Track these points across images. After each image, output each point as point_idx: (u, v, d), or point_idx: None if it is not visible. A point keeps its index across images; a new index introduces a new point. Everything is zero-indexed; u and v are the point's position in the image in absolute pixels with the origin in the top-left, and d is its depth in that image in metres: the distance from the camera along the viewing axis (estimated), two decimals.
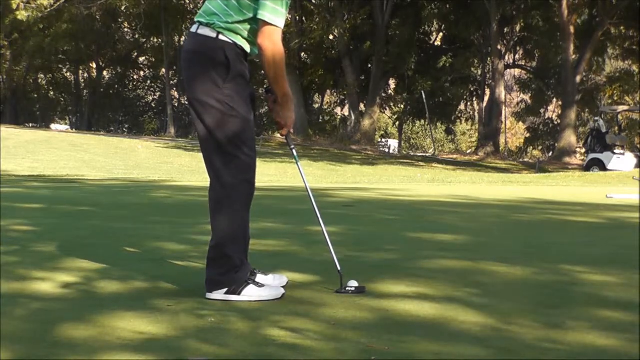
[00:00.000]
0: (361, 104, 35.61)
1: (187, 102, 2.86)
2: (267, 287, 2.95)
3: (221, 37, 2.84)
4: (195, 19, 2.94)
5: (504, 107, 35.39)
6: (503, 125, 36.36)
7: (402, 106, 40.31)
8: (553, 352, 2.22)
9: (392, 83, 38.52)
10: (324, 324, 2.49)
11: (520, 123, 44.06)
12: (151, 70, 48.54)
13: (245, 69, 2.90)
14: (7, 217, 5.64)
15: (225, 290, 2.87)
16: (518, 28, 36.44)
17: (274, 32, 2.82)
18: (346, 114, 39.21)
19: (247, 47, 2.89)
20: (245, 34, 2.87)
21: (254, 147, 2.94)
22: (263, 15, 2.79)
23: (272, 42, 2.82)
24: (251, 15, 2.83)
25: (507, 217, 6.82)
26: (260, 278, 3.02)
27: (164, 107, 44.54)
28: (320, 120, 40.43)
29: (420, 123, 44.38)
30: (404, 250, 4.30)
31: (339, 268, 3.05)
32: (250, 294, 2.87)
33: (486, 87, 35.76)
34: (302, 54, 36.75)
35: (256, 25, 2.84)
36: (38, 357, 2.09)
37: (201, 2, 37.80)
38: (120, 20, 44.14)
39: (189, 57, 2.90)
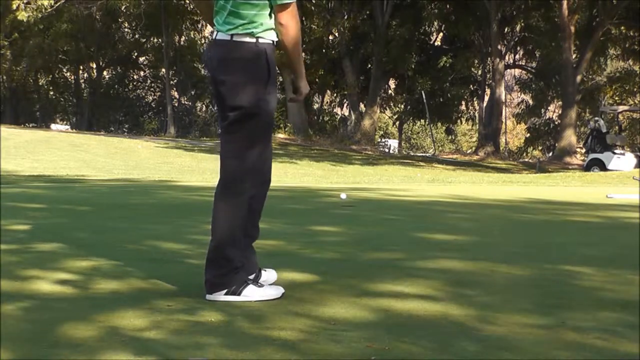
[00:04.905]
0: (361, 104, 35.60)
1: (231, 109, 2.84)
2: (266, 286, 2.96)
3: (260, 40, 2.87)
4: (222, 26, 2.90)
5: (504, 107, 35.38)
6: (503, 126, 36.36)
7: (402, 106, 40.28)
8: (553, 352, 2.22)
9: (392, 83, 38.51)
10: (324, 324, 2.49)
11: (521, 123, 44.03)
12: (151, 70, 48.51)
13: (275, 71, 2.95)
14: (7, 217, 5.64)
15: (225, 291, 2.87)
16: (518, 28, 36.43)
17: (294, 7, 2.87)
18: (346, 114, 39.20)
19: (276, 37, 2.93)
20: (273, 24, 2.90)
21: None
22: (278, 1, 2.82)
23: (295, 17, 2.87)
24: (269, 5, 2.86)
25: (507, 217, 6.82)
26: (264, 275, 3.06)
27: (164, 107, 44.50)
28: (320, 120, 40.43)
29: (420, 123, 44.37)
30: (404, 250, 4.30)
31: None
32: (250, 294, 2.88)
33: (486, 87, 35.75)
34: (302, 54, 36.70)
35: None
36: (38, 357, 2.09)
37: None
38: (120, 20, 44.11)
39: (227, 64, 2.88)
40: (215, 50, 2.93)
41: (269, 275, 3.13)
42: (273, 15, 2.88)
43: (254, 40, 2.85)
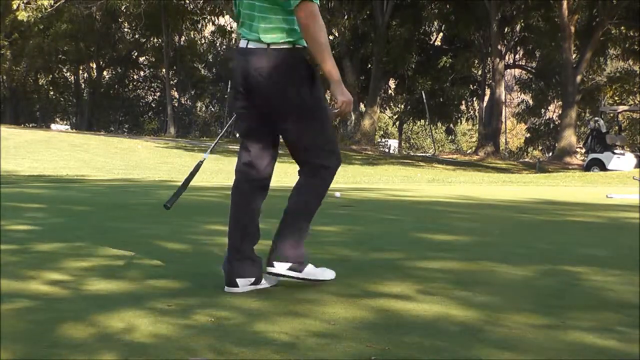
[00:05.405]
0: (361, 104, 35.60)
1: (281, 116, 3.00)
2: (323, 268, 3.13)
3: (297, 46, 2.90)
4: (251, 35, 2.92)
5: (504, 107, 35.37)
6: (503, 126, 36.35)
7: (402, 106, 40.29)
8: (553, 352, 2.22)
9: (392, 83, 38.50)
10: (324, 324, 2.49)
11: (521, 123, 44.04)
12: (151, 70, 48.54)
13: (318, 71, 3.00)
14: (7, 217, 5.64)
15: (289, 265, 2.99)
16: (518, 28, 36.44)
17: (312, 6, 2.84)
18: None
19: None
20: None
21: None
22: None
23: (313, 17, 2.83)
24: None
25: (507, 217, 6.82)
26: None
27: (164, 107, 44.54)
28: None
29: (420, 123, 44.37)
30: (404, 250, 4.30)
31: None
32: (311, 273, 3.04)
33: (486, 87, 35.75)
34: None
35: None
36: (38, 357, 2.09)
37: (201, 1, 37.80)
38: (120, 20, 44.13)
39: (269, 73, 2.90)
40: (253, 60, 2.92)
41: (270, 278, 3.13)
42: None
43: (290, 46, 2.89)
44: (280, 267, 2.99)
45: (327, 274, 3.14)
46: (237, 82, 3.02)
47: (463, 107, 38.93)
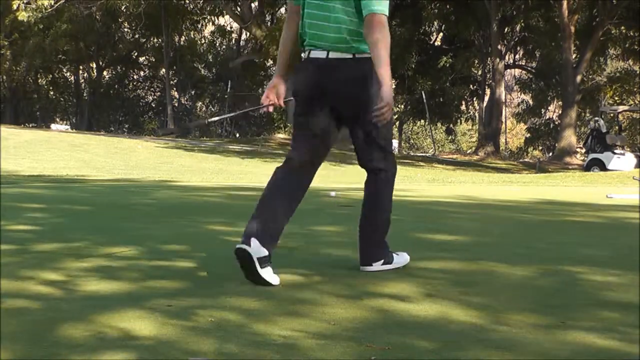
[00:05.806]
0: None
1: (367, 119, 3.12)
2: (399, 255, 3.51)
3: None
4: (336, 46, 3.03)
5: (504, 107, 35.36)
6: (503, 126, 36.33)
7: (402, 106, 40.27)
8: (553, 352, 2.22)
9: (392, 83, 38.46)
10: (324, 324, 2.49)
11: (521, 123, 44.01)
12: (151, 70, 48.50)
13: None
14: (7, 217, 5.63)
15: (382, 261, 3.40)
16: (518, 28, 36.43)
17: (386, 20, 2.96)
18: None
19: None
20: None
21: None
22: (374, 9, 2.91)
23: (387, 31, 2.96)
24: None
25: (507, 217, 6.82)
26: None
27: (164, 107, 44.49)
28: None
29: (420, 123, 44.35)
30: (404, 251, 4.29)
31: None
32: (399, 262, 3.47)
33: (486, 87, 35.74)
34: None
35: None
36: (38, 357, 2.09)
37: (201, 1, 37.79)
38: (120, 20, 44.09)
39: (357, 83, 3.06)
40: (340, 70, 3.05)
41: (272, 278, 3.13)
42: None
43: (368, 55, 3.01)
44: (377, 266, 3.40)
45: (405, 257, 3.55)
46: (310, 90, 3.13)
47: (463, 107, 38.88)
